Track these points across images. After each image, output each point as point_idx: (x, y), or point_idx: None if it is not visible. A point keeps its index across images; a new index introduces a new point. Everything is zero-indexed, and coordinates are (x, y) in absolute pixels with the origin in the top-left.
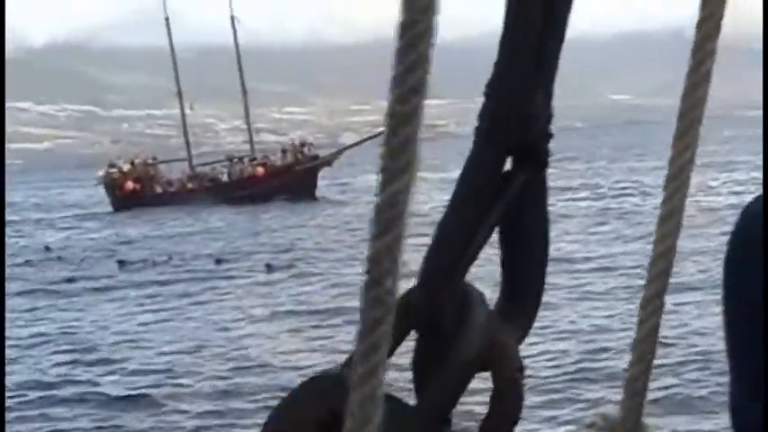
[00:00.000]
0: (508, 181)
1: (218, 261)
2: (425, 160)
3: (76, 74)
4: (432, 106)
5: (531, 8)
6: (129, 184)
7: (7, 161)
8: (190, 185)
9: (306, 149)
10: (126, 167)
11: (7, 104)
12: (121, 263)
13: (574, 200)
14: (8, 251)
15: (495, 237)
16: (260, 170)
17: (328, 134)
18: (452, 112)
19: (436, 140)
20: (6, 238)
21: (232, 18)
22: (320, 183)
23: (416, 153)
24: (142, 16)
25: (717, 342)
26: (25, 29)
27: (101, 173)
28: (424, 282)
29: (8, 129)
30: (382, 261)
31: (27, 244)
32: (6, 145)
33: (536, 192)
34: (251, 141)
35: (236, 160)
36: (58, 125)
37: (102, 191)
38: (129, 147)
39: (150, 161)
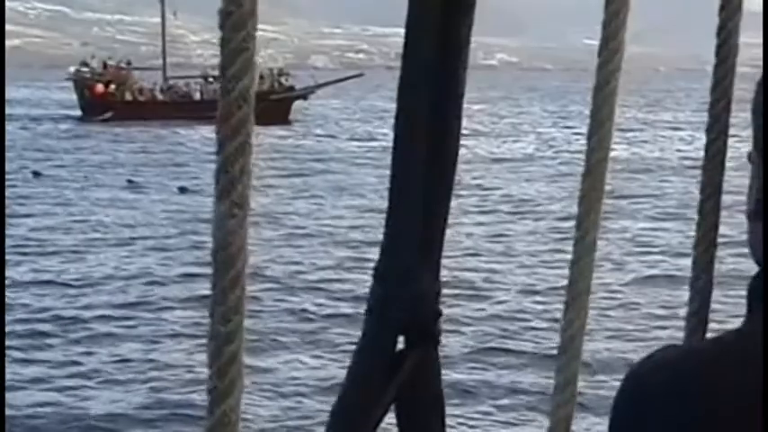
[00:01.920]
0: (401, 360)
1: (130, 181)
2: (393, 91)
3: None
4: (401, 35)
5: (411, 191)
6: (100, 87)
7: None
8: (161, 97)
9: (283, 79)
10: (99, 68)
11: None
12: (36, 174)
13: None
14: None
15: None
16: None
17: (297, 55)
18: None
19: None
20: None
21: None
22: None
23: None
24: None
25: None
26: None
27: (72, 69)
28: None
29: None
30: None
31: None
32: None
33: (430, 370)
34: None
35: (210, 80)
36: (28, 23)
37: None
38: (98, 51)
39: (124, 65)
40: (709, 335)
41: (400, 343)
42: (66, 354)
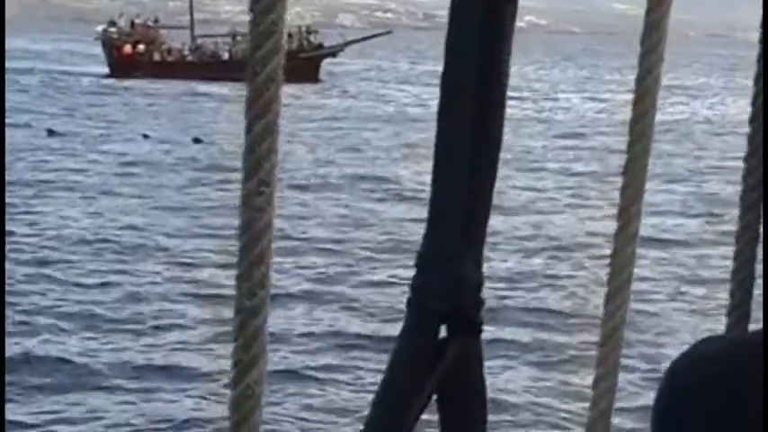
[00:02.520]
0: (443, 349)
1: (145, 136)
2: (425, 51)
3: None
4: None
5: (454, 181)
6: (128, 48)
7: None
8: (190, 58)
9: (312, 37)
10: (126, 28)
11: None
12: (51, 132)
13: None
14: None
15: None
16: None
17: (325, 14)
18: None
19: (436, 29)
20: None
21: None
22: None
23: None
24: None
25: None
26: None
27: (99, 29)
28: None
29: None
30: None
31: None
32: None
33: (472, 359)
34: None
35: (239, 38)
36: None
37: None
38: (127, 6)
39: (151, 23)
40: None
41: (443, 331)
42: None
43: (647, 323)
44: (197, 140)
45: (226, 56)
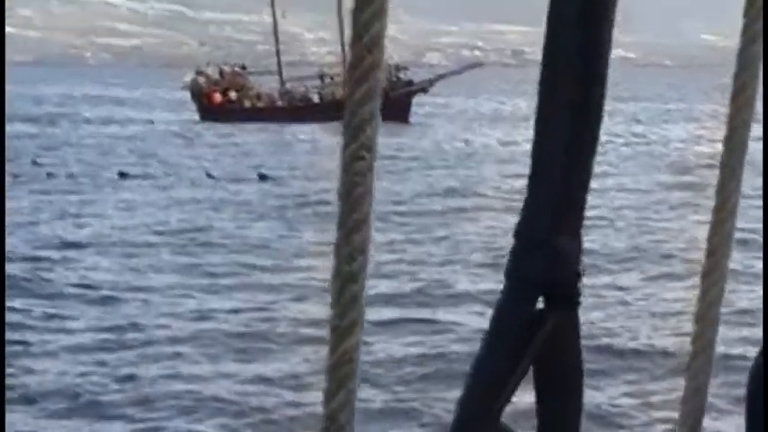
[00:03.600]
0: (541, 320)
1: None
2: (513, 86)
3: None
4: (518, 33)
5: (553, 152)
6: (218, 96)
7: (95, 54)
8: (280, 103)
9: (401, 74)
10: (214, 76)
11: None
12: (123, 175)
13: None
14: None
15: None
16: None
17: (414, 53)
18: (538, 40)
19: (523, 67)
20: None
21: None
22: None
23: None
24: None
25: None
26: None
27: (188, 78)
28: (459, 424)
29: (96, 23)
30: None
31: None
32: (94, 39)
33: (569, 332)
34: (344, 60)
35: (327, 79)
36: (147, 23)
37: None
38: (215, 50)
39: (239, 70)
40: None
41: (540, 304)
42: None
43: None
44: (262, 177)
45: (316, 98)
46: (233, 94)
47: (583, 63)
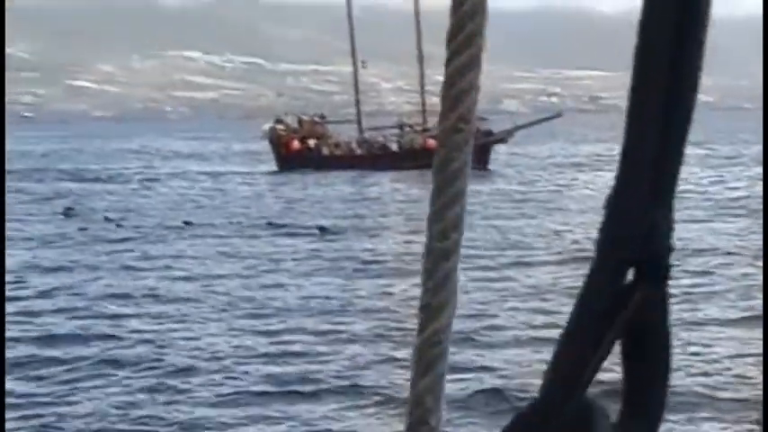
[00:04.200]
0: (630, 293)
1: (322, 229)
2: (591, 133)
3: (244, 25)
4: (595, 78)
5: (648, 121)
6: (296, 144)
7: (175, 108)
8: (358, 151)
9: (480, 125)
10: (293, 124)
11: (175, 53)
12: (188, 223)
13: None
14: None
15: None
16: (431, 142)
17: (491, 99)
18: (616, 85)
19: (602, 113)
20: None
21: None
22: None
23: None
24: None
25: None
26: None
27: (266, 127)
28: (545, 397)
29: (175, 77)
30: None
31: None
32: (173, 93)
33: (658, 307)
34: (423, 110)
35: (407, 129)
36: (224, 75)
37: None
38: (293, 101)
39: (318, 119)
40: None
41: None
42: None
43: None
44: (322, 229)
45: (395, 147)
46: (311, 142)
47: (679, 36)
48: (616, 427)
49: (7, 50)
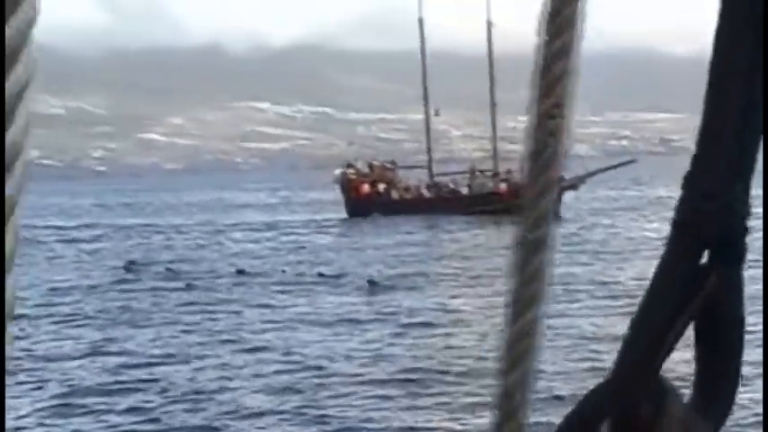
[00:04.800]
0: (705, 275)
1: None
2: (662, 176)
3: (312, 75)
4: (666, 120)
5: (729, 103)
6: (366, 187)
7: (246, 159)
8: (428, 194)
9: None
10: (364, 169)
11: (246, 104)
12: (241, 272)
13: None
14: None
15: None
16: (502, 187)
17: None
18: (687, 127)
19: (672, 155)
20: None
21: (488, 23)
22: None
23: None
24: (376, 19)
25: None
26: (266, 30)
27: (337, 172)
28: (619, 374)
29: (246, 128)
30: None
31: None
32: (244, 144)
33: (732, 288)
34: (495, 155)
35: (477, 173)
36: (294, 126)
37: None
38: (363, 150)
39: (388, 165)
40: None
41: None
42: None
43: None
44: (372, 283)
45: (465, 191)
46: (381, 186)
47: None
48: (689, 407)
49: (78, 104)
